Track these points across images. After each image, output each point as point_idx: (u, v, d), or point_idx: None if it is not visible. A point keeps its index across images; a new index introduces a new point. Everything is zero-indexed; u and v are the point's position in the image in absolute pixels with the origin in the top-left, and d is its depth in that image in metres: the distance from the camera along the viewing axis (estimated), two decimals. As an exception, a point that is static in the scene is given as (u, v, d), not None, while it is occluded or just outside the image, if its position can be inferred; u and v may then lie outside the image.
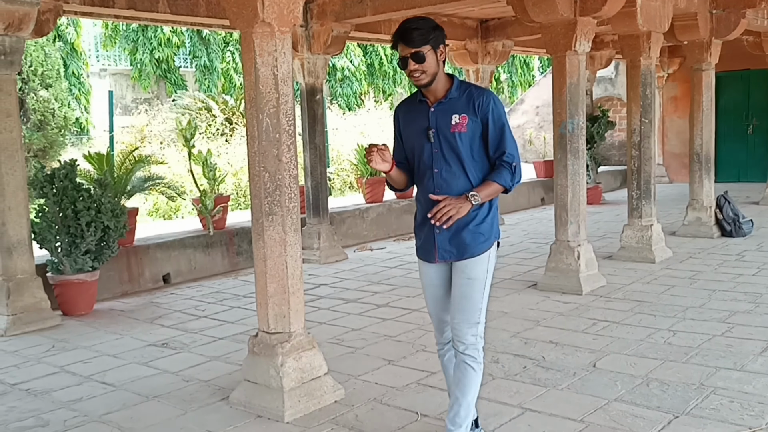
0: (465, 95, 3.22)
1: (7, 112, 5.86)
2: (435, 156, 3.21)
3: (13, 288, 5.87)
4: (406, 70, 3.16)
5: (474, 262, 3.22)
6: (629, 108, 7.82)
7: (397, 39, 3.16)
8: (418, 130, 3.26)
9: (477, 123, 3.18)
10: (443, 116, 3.20)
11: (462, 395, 3.25)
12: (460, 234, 3.20)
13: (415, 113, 3.30)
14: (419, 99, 3.29)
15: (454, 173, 3.20)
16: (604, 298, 6.21)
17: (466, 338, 3.22)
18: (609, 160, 16.30)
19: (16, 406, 4.24)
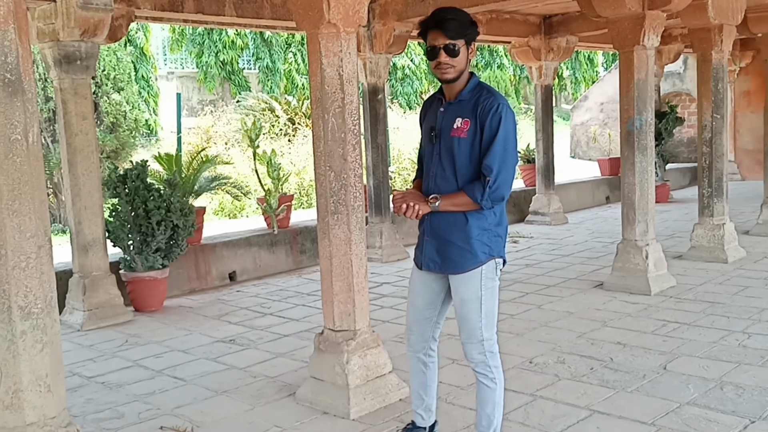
0: (474, 98, 3.03)
1: (83, 115, 6.08)
2: (434, 159, 3.10)
3: (88, 285, 6.09)
4: (434, 61, 2.99)
5: (464, 282, 3.07)
6: (700, 103, 7.59)
7: (431, 26, 3.00)
8: (428, 129, 3.17)
9: (474, 130, 2.99)
10: (449, 118, 3.07)
11: (481, 410, 3.21)
12: (445, 246, 3.07)
13: (432, 110, 3.20)
14: (438, 96, 3.18)
15: (446, 179, 3.05)
16: (674, 298, 6.05)
17: (473, 356, 3.15)
18: (677, 157, 15.85)
19: (93, 399, 4.40)
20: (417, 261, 3.23)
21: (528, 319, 5.68)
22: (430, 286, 3.21)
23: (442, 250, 3.09)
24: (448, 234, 3.07)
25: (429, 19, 3.03)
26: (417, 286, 3.25)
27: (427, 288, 3.21)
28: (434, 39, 3.00)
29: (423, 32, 3.07)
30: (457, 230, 3.05)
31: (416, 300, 3.26)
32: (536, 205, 10.83)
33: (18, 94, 2.70)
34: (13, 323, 2.71)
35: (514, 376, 4.38)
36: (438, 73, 3.04)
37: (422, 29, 3.07)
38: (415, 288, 3.26)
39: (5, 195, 2.68)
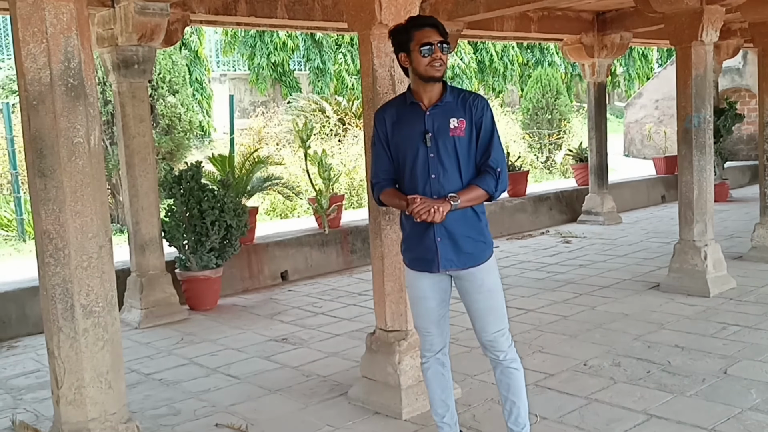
0: (460, 99, 3.14)
1: (140, 117, 6.23)
2: (431, 161, 3.09)
3: (145, 283, 6.23)
4: (429, 56, 3.03)
5: (486, 272, 3.16)
6: (761, 99, 7.36)
7: (423, 25, 3.08)
8: (412, 133, 3.12)
9: (472, 127, 3.10)
10: (440, 120, 3.10)
11: (517, 398, 3.24)
12: (461, 242, 3.10)
13: (408, 116, 3.16)
14: (410, 102, 3.16)
15: (449, 178, 3.09)
16: (735, 301, 5.88)
17: (504, 347, 3.21)
18: (736, 155, 15.40)
19: (151, 395, 4.50)
20: (425, 266, 3.17)
21: (582, 320, 5.59)
22: (439, 287, 3.21)
23: (458, 246, 3.11)
24: (464, 230, 3.11)
25: (414, 21, 3.13)
26: (425, 289, 3.22)
27: (436, 288, 3.21)
28: (428, 36, 3.05)
29: (402, 36, 3.12)
30: (471, 224, 3.13)
31: (428, 303, 3.23)
32: (589, 204, 10.66)
33: (80, 98, 2.78)
34: (76, 321, 2.80)
35: (569, 379, 4.32)
36: (430, 70, 3.06)
37: (401, 33, 3.12)
38: (423, 292, 3.22)
39: (68, 197, 2.76)
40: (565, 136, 16.75)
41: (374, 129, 3.26)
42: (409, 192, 3.11)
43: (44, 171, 2.75)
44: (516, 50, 24.27)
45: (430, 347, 3.34)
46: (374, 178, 3.27)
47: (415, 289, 3.26)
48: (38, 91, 2.73)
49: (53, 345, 2.83)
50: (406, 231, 3.25)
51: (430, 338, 3.31)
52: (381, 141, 3.23)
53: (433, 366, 3.36)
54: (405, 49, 3.11)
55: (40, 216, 2.78)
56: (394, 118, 3.20)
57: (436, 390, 3.38)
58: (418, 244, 3.16)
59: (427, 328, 3.30)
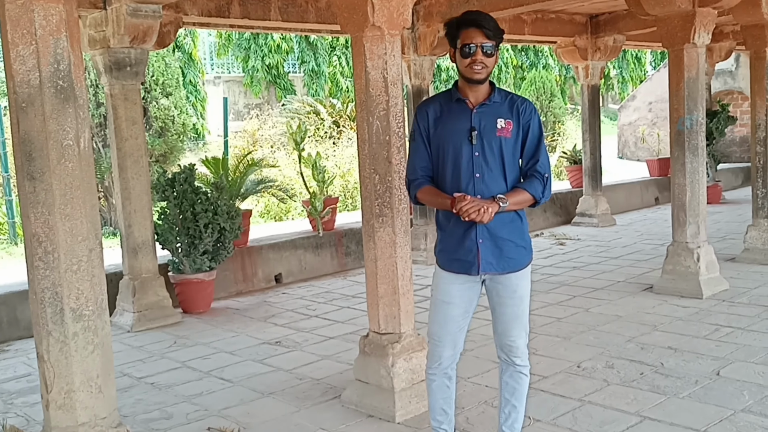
0: (507, 101, 3.10)
1: (133, 120, 6.21)
2: (476, 160, 3.03)
3: (138, 286, 6.20)
4: (469, 58, 2.97)
5: (522, 278, 3.11)
6: (753, 102, 7.39)
7: (466, 24, 2.98)
8: (458, 130, 3.06)
9: (519, 130, 3.06)
10: (488, 119, 3.05)
11: (519, 404, 3.22)
12: (503, 246, 3.04)
13: (453, 113, 3.10)
14: (456, 98, 3.10)
15: (495, 178, 3.04)
16: (727, 302, 5.89)
17: (523, 351, 3.18)
18: (729, 157, 15.45)
19: (143, 399, 4.48)
20: (463, 268, 3.07)
21: (575, 322, 5.59)
22: (467, 294, 3.13)
23: (499, 250, 3.04)
24: (507, 233, 3.05)
25: (464, 18, 3.03)
26: (453, 295, 3.12)
27: (464, 295, 3.12)
28: (471, 37, 2.97)
29: (453, 30, 3.04)
30: (515, 228, 3.07)
31: (453, 310, 3.12)
32: (583, 206, 10.67)
33: (70, 100, 2.77)
34: (66, 325, 2.78)
35: (562, 381, 4.32)
36: (469, 72, 3.00)
37: (452, 27, 3.04)
38: (451, 297, 3.12)
39: (58, 199, 2.74)
40: (560, 139, 16.78)
41: (415, 123, 3.16)
42: (450, 191, 3.04)
43: (33, 174, 2.73)
44: (510, 53, 24.31)
45: (438, 360, 3.21)
46: (411, 175, 3.16)
47: (441, 293, 3.16)
48: (27, 93, 2.71)
49: (43, 349, 2.81)
50: (444, 231, 3.14)
51: (440, 350, 3.19)
52: (422, 136, 3.14)
53: (439, 379, 3.26)
54: (453, 44, 3.06)
55: (30, 219, 2.76)
56: (437, 114, 3.12)
57: (438, 400, 3.30)
58: (458, 244, 3.07)
59: (441, 338, 3.17)
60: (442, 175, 3.10)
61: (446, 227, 3.12)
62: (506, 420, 3.25)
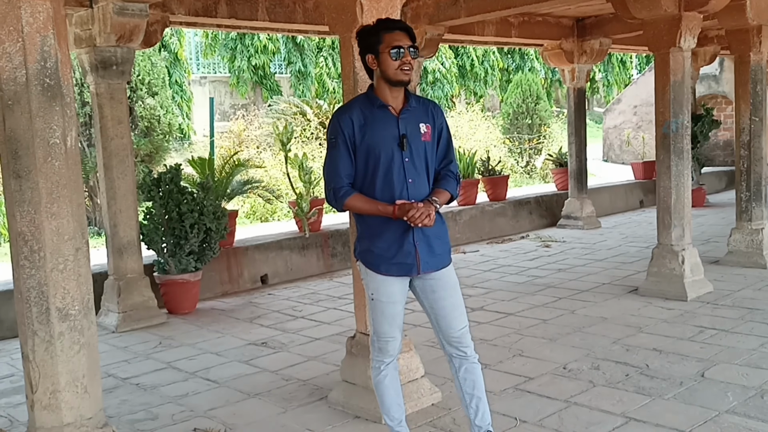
0: (422, 105, 3.20)
1: (119, 119, 6.17)
2: (407, 165, 3.10)
3: (123, 287, 6.16)
4: (398, 60, 3.03)
5: (450, 271, 3.25)
6: (738, 106, 7.45)
7: (394, 28, 3.07)
8: (387, 137, 3.09)
9: (434, 133, 3.18)
10: (411, 124, 3.13)
11: (482, 394, 3.30)
12: (435, 244, 3.17)
13: (378, 120, 3.11)
14: (378, 104, 3.12)
15: (422, 182, 3.14)
16: (711, 304, 5.94)
17: (468, 341, 3.27)
18: (713, 160, 15.60)
19: (128, 400, 4.45)
20: (403, 270, 3.15)
21: (561, 324, 5.61)
22: (404, 290, 3.24)
23: (432, 248, 3.16)
24: (436, 232, 3.16)
25: (386, 23, 3.12)
26: (396, 294, 3.20)
27: (403, 292, 3.23)
28: (399, 40, 3.05)
29: (372, 37, 3.09)
30: (441, 227, 3.21)
31: (396, 308, 3.23)
32: (569, 209, 10.72)
33: (57, 98, 2.74)
34: (51, 325, 2.76)
35: (548, 382, 4.33)
36: (399, 74, 3.06)
37: (372, 34, 3.10)
38: (393, 297, 3.20)
39: (44, 198, 2.72)
40: (545, 141, 16.87)
41: (337, 130, 3.12)
42: (381, 197, 3.09)
43: (19, 172, 2.71)
44: (497, 55, 24.41)
45: (392, 353, 3.31)
46: (336, 183, 3.13)
47: (384, 295, 3.21)
48: (13, 90, 2.69)
49: (28, 349, 2.78)
50: (379, 236, 3.14)
51: (393, 343, 3.29)
52: (346, 143, 3.11)
53: (391, 372, 3.35)
54: (373, 51, 3.09)
55: (15, 218, 2.74)
56: (361, 121, 3.11)
57: (392, 395, 3.36)
58: (396, 249, 3.13)
59: (392, 334, 3.27)
60: (371, 182, 3.12)
61: (381, 233, 3.14)
62: (476, 414, 3.29)
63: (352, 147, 3.11)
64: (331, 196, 3.15)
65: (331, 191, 3.14)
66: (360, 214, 3.18)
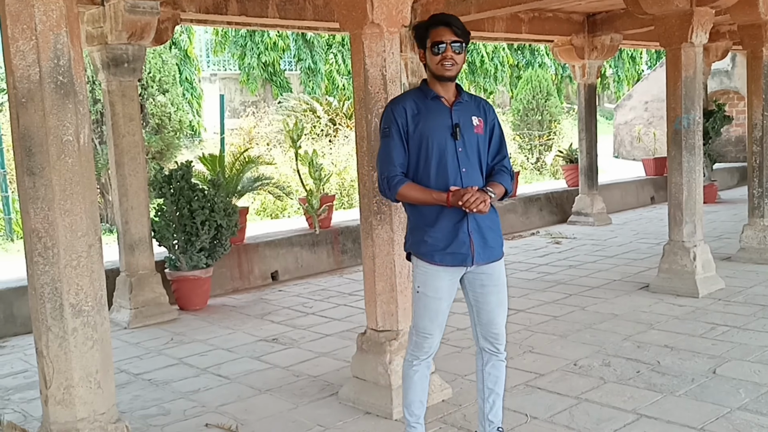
0: (473, 101, 3.25)
1: (130, 116, 6.20)
2: (460, 155, 3.12)
3: (135, 283, 6.20)
4: (440, 56, 3.07)
5: (501, 265, 3.25)
6: (750, 102, 7.41)
7: (436, 24, 3.10)
8: (440, 127, 3.12)
9: (486, 128, 3.21)
10: (464, 116, 3.16)
11: (502, 391, 3.32)
12: (488, 236, 3.16)
13: (432, 110, 3.16)
14: (431, 96, 3.17)
15: (475, 173, 3.16)
16: (723, 301, 5.91)
17: (504, 339, 3.30)
18: (725, 156, 15.50)
19: (140, 395, 4.48)
20: (456, 261, 3.11)
21: (572, 320, 5.60)
22: (453, 286, 3.20)
23: (485, 240, 3.15)
24: (489, 224, 3.16)
25: (433, 19, 3.16)
26: (443, 289, 3.16)
27: (452, 288, 3.20)
28: (441, 35, 3.09)
29: (421, 32, 3.15)
30: (495, 219, 3.21)
31: (442, 305, 3.18)
32: (579, 205, 10.69)
33: (70, 96, 2.76)
34: (65, 320, 2.78)
35: (559, 379, 4.33)
36: (441, 69, 3.10)
37: (421, 29, 3.16)
38: (442, 293, 3.16)
39: (57, 195, 2.74)
40: (556, 138, 16.81)
41: (390, 120, 3.15)
42: (435, 186, 3.08)
43: (33, 169, 2.73)
44: (507, 51, 24.33)
45: (427, 351, 3.27)
46: (390, 171, 3.12)
47: (431, 290, 3.16)
48: (27, 88, 2.71)
49: (42, 344, 2.81)
50: (432, 226, 3.11)
51: (430, 341, 3.24)
52: (399, 132, 3.14)
53: (422, 369, 3.31)
54: (422, 45, 3.16)
55: (29, 214, 2.76)
56: (414, 111, 3.15)
57: (418, 391, 3.33)
58: (451, 238, 3.10)
59: (431, 331, 3.22)
60: (425, 172, 3.13)
61: (435, 222, 3.11)
62: (491, 409, 3.31)
63: (405, 136, 3.14)
64: (385, 185, 3.15)
65: (385, 180, 3.14)
66: (413, 203, 3.15)
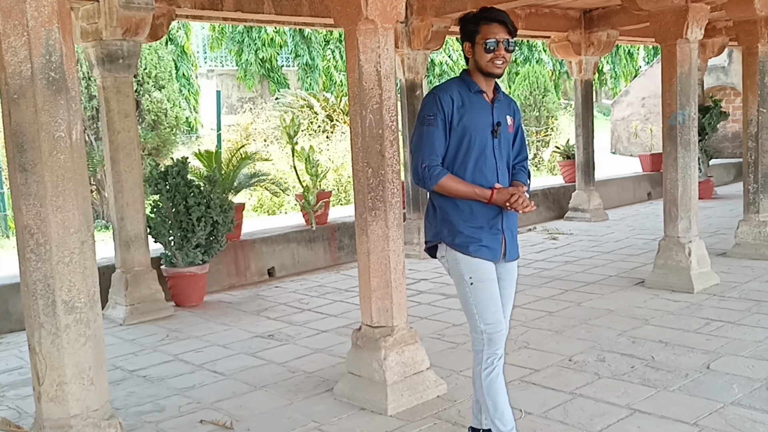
0: (506, 99, 3.24)
1: (125, 112, 6.19)
2: (497, 153, 3.12)
3: (130, 280, 6.19)
4: (492, 53, 3.02)
5: (516, 264, 3.26)
6: (745, 97, 7.42)
7: (491, 20, 3.04)
8: (483, 122, 3.10)
9: (515, 128, 3.24)
10: (501, 114, 3.16)
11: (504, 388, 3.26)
12: (515, 234, 3.21)
13: (476, 104, 3.11)
14: (475, 90, 3.12)
15: (507, 172, 3.18)
16: (718, 296, 5.93)
17: None
18: (721, 152, 15.53)
19: (135, 392, 4.48)
20: (493, 255, 3.10)
21: (567, 316, 5.61)
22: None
23: (514, 237, 3.20)
24: (514, 223, 3.20)
25: (486, 14, 3.07)
26: (494, 284, 3.09)
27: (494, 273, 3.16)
28: (495, 32, 3.03)
29: (471, 26, 3.08)
30: (516, 219, 3.22)
31: (494, 288, 3.10)
32: (576, 201, 10.70)
33: (62, 92, 2.76)
34: (58, 317, 2.77)
35: (553, 374, 4.34)
36: (491, 66, 3.06)
37: (471, 23, 3.08)
38: (492, 273, 3.09)
39: (49, 191, 2.74)
40: (553, 134, 16.83)
41: (436, 107, 3.04)
42: (471, 181, 3.06)
43: (25, 165, 2.73)
44: (504, 47, 24.27)
45: (502, 342, 3.11)
46: (432, 160, 3.04)
47: (484, 272, 3.07)
48: (19, 84, 2.70)
49: (34, 341, 2.81)
50: (467, 221, 3.06)
51: (503, 331, 3.11)
52: (444, 120, 3.04)
53: (499, 368, 3.12)
54: (470, 39, 3.09)
55: (21, 211, 2.76)
56: (460, 102, 3.08)
57: (506, 396, 3.15)
58: (487, 234, 3.09)
59: (499, 319, 3.09)
60: (462, 165, 3.06)
61: (471, 217, 3.07)
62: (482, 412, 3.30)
63: (449, 127, 3.06)
64: (425, 173, 3.04)
65: (426, 168, 3.03)
66: (450, 196, 3.07)
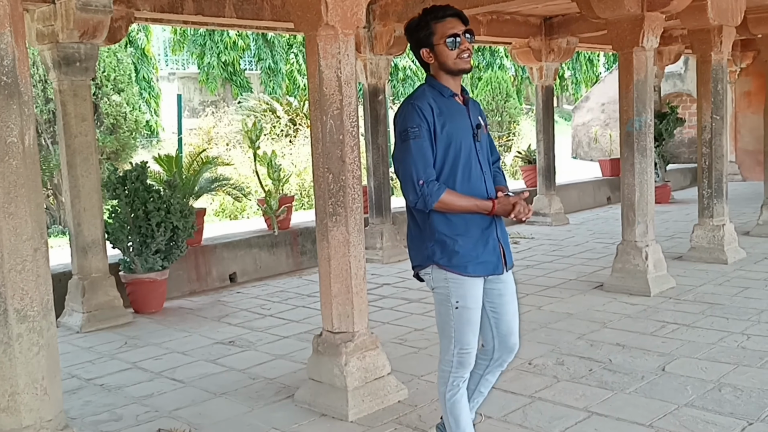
0: (472, 100, 3.08)
1: (83, 116, 6.08)
2: (480, 157, 2.97)
3: (87, 286, 6.08)
4: (458, 48, 2.86)
5: (512, 274, 3.14)
6: (700, 104, 7.58)
7: (446, 15, 2.89)
8: (463, 127, 2.93)
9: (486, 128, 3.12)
10: (475, 115, 3.02)
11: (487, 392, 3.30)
12: (507, 240, 3.08)
13: (452, 109, 2.94)
14: (448, 94, 2.95)
15: (490, 177, 3.04)
16: (674, 299, 6.05)
17: (517, 345, 3.18)
18: (678, 157, 15.84)
19: (91, 401, 4.40)
20: (491, 269, 2.96)
21: (528, 320, 5.66)
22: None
23: (509, 246, 3.07)
24: (505, 229, 3.06)
25: (437, 12, 2.91)
26: (479, 299, 2.97)
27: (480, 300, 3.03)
28: (453, 27, 2.88)
29: (424, 30, 2.91)
30: (504, 225, 3.07)
31: (479, 314, 2.99)
32: (537, 205, 10.82)
33: (14, 96, 2.70)
34: (9, 326, 2.71)
35: (513, 378, 4.38)
36: (460, 63, 2.90)
37: (422, 27, 2.92)
38: (478, 301, 2.97)
39: (1, 198, 2.67)
40: (515, 139, 17.01)
41: (419, 118, 2.85)
42: (461, 187, 2.89)
43: (-24, 171, 2.66)
44: (467, 53, 24.47)
45: (470, 366, 3.04)
46: (428, 176, 2.84)
47: (471, 301, 2.94)
48: (-31, 89, 2.64)
49: (-15, 351, 2.74)
50: (463, 236, 2.90)
51: (472, 354, 3.02)
52: (429, 132, 2.85)
53: (463, 389, 3.07)
54: (427, 44, 2.91)
55: (-28, 218, 2.69)
56: (438, 109, 2.89)
57: (468, 414, 3.11)
58: (482, 247, 2.93)
59: (474, 344, 3.01)
60: (450, 176, 2.89)
61: (465, 231, 2.91)
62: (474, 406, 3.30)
63: (434, 137, 2.87)
64: (424, 191, 2.83)
65: (424, 185, 2.83)
66: (449, 212, 2.89)
